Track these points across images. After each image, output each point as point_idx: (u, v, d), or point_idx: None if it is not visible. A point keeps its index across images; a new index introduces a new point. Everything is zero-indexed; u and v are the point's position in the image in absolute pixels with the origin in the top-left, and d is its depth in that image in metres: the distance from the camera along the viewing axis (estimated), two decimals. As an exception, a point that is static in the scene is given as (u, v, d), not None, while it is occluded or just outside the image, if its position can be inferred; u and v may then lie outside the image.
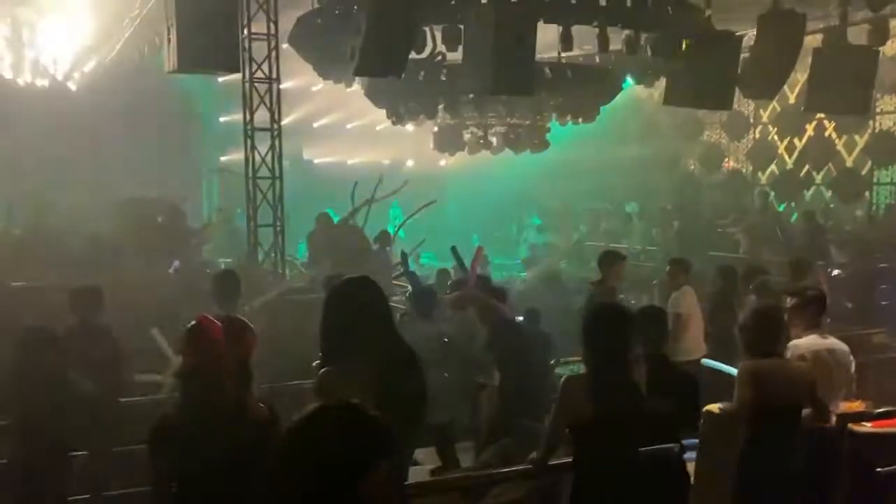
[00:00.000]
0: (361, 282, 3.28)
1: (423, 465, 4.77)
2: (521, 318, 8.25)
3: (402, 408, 3.06)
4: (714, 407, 4.64)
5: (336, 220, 11.87)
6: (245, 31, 8.78)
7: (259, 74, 9.08)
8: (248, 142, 9.13)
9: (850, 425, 4.52)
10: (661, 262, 12.52)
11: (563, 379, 3.64)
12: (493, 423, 6.12)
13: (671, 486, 3.97)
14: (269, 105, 9.17)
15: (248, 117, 9.11)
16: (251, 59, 8.98)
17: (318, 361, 3.25)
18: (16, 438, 4.86)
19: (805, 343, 4.69)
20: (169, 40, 7.75)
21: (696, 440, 4.46)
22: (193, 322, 3.14)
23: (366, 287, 3.21)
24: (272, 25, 9.09)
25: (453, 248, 7.30)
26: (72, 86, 14.10)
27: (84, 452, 5.11)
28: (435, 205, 12.64)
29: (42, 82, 13.72)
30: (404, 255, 8.62)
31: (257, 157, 9.21)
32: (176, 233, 10.01)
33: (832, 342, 4.79)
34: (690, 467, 4.28)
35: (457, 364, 5.67)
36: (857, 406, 5.23)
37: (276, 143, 9.26)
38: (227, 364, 3.04)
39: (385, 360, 3.05)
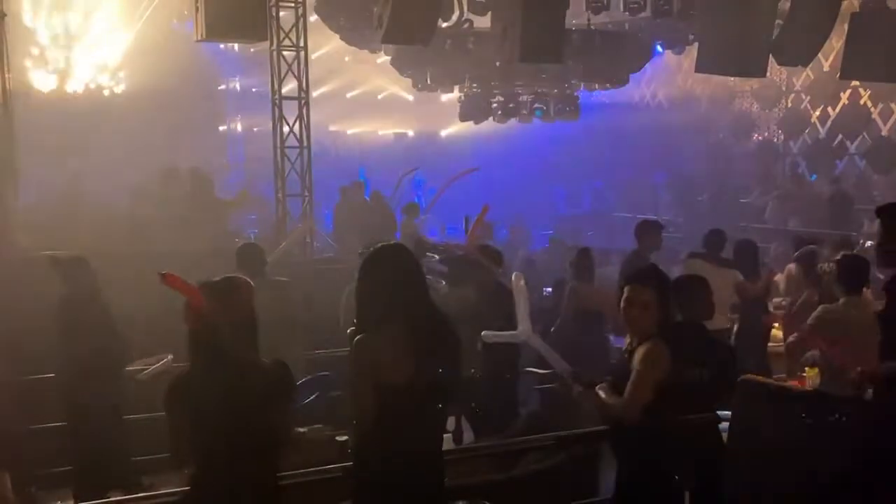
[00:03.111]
0: (396, 248, 3.28)
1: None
2: (549, 290, 8.25)
3: (440, 376, 3.07)
4: (748, 375, 4.61)
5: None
6: (272, -1, 8.72)
7: (286, 43, 9.02)
8: (276, 111, 9.10)
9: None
10: (688, 232, 12.44)
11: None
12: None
13: (705, 454, 3.96)
14: (296, 74, 9.12)
15: (275, 86, 9.07)
16: (279, 28, 8.92)
17: (352, 328, 3.25)
18: (70, 396, 5.01)
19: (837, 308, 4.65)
20: (197, 9, 7.71)
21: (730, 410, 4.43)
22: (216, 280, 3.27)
23: (400, 254, 3.20)
24: (300, -7, 9.02)
25: (466, 219, 7.20)
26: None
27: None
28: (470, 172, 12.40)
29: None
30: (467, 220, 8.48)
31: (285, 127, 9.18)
32: (205, 203, 10.02)
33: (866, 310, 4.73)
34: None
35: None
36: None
37: (304, 112, 9.22)
38: (235, 319, 3.15)
39: (420, 327, 3.05)
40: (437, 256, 6.70)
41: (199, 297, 3.25)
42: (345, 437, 3.74)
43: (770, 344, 6.77)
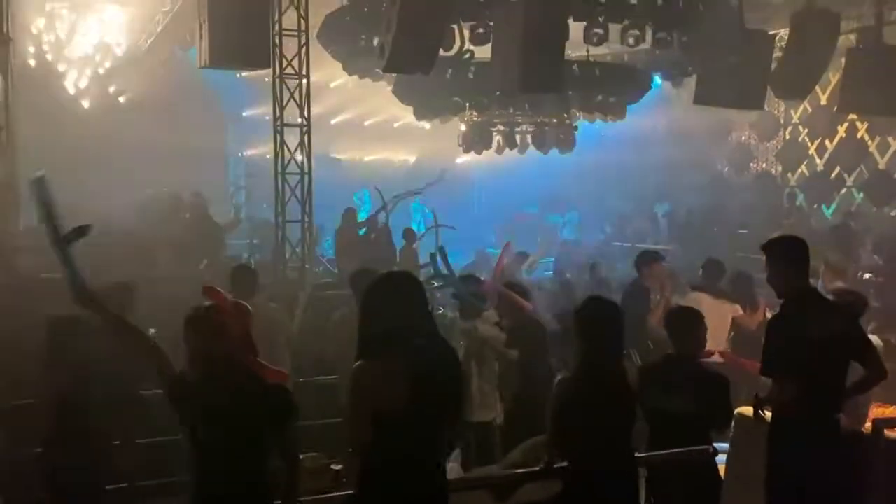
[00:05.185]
0: (403, 276, 3.27)
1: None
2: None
3: (440, 404, 3.04)
4: (745, 409, 4.60)
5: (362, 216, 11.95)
6: (276, 27, 8.81)
7: (289, 70, 9.10)
8: (278, 137, 9.16)
9: (885, 431, 4.46)
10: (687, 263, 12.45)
11: (556, 380, 3.64)
12: (515, 422, 6.16)
13: (702, 488, 3.95)
14: (298, 101, 9.20)
15: (277, 113, 9.14)
16: (281, 55, 9.01)
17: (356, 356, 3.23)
18: (48, 424, 4.95)
19: None
20: (201, 36, 7.80)
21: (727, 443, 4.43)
22: (197, 309, 3.28)
23: (407, 282, 3.19)
24: (303, 21, 9.11)
25: (441, 249, 7.13)
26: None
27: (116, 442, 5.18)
28: (459, 205, 12.58)
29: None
30: (433, 256, 8.48)
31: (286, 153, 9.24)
32: (203, 228, 10.07)
33: None
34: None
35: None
36: (891, 411, 5.17)
37: (306, 139, 9.29)
38: (235, 342, 3.20)
39: (425, 357, 3.02)
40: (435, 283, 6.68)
41: (229, 315, 3.27)
42: (340, 466, 3.73)
43: None
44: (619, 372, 3.54)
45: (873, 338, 4.68)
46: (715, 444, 4.11)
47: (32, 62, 13.10)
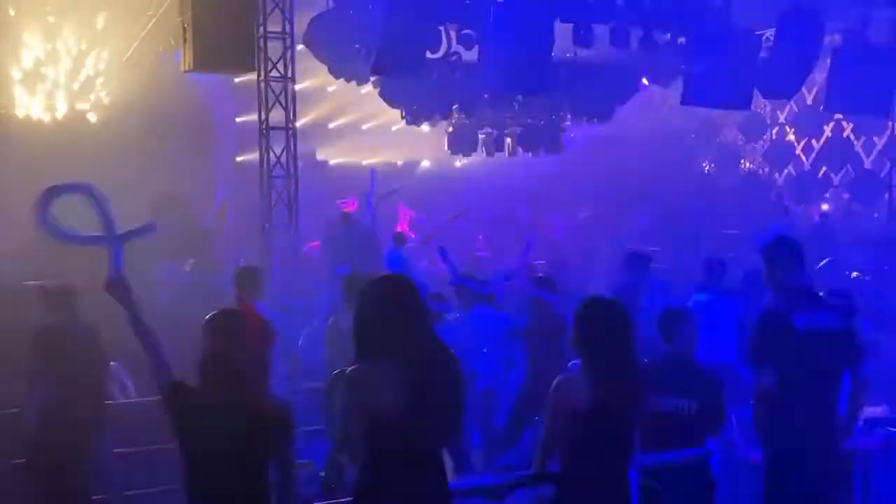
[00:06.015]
0: (399, 279, 3.20)
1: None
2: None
3: (438, 410, 2.97)
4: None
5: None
6: (261, 30, 8.75)
7: (274, 73, 9.05)
8: (263, 141, 9.11)
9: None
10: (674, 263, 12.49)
11: (556, 380, 3.43)
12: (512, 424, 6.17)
13: (698, 488, 3.93)
14: (284, 104, 9.14)
15: (262, 116, 9.09)
16: (266, 58, 8.95)
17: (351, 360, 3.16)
18: (32, 433, 4.88)
19: None
20: (185, 40, 7.73)
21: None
22: (225, 308, 3.18)
23: (403, 285, 3.11)
24: (288, 24, 9.06)
25: (441, 250, 7.11)
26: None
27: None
28: (451, 205, 12.53)
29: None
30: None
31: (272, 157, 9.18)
32: (191, 233, 10.01)
33: None
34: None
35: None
36: (880, 412, 5.17)
37: (292, 142, 9.23)
38: (252, 354, 3.05)
39: (422, 361, 2.95)
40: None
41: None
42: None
43: None
44: (631, 373, 3.37)
45: None
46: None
47: (17, 75, 12.97)
